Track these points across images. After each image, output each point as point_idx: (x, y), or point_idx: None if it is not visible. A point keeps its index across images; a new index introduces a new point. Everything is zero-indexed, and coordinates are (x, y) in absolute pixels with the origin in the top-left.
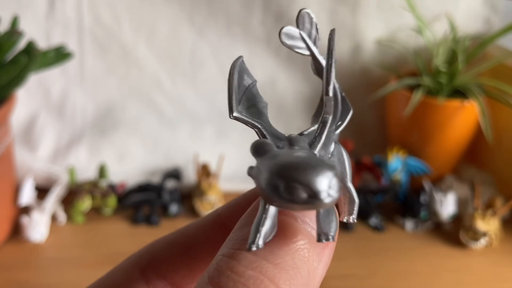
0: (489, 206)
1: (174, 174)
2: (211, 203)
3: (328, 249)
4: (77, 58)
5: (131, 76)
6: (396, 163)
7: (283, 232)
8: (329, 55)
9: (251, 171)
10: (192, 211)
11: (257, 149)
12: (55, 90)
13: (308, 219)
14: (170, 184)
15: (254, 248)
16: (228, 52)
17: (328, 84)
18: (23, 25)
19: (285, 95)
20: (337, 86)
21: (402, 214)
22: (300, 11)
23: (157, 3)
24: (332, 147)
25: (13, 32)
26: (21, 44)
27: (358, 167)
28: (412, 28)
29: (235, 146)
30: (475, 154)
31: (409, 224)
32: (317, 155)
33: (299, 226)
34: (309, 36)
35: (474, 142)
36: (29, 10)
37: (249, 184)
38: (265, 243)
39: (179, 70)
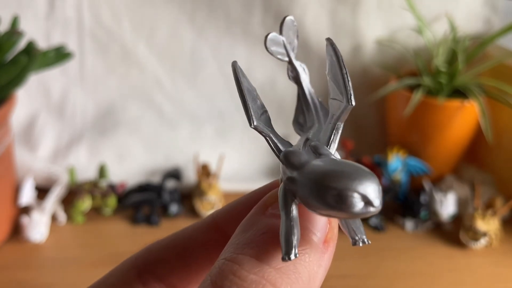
0: (489, 206)
1: (174, 174)
2: (211, 203)
3: (328, 254)
4: (77, 58)
5: (131, 76)
6: (396, 163)
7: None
8: (341, 63)
9: (291, 185)
10: (192, 211)
11: (292, 159)
12: (55, 90)
13: (310, 225)
14: (170, 184)
15: (292, 257)
16: (228, 52)
17: (347, 92)
18: (23, 25)
19: (285, 95)
20: (312, 91)
21: (402, 214)
22: (284, 18)
23: (157, 3)
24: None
25: (13, 32)
26: (21, 44)
27: None
28: (412, 28)
29: (235, 146)
30: (475, 154)
31: (409, 224)
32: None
33: (301, 232)
34: (290, 43)
35: (474, 142)
36: (29, 10)
37: (250, 184)
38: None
39: (179, 70)
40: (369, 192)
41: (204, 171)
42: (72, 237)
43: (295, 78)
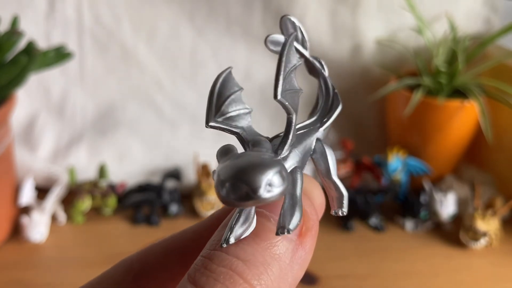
0: (489, 206)
1: (174, 174)
2: (211, 203)
3: (304, 248)
4: (77, 58)
5: (131, 76)
6: (396, 163)
7: (256, 231)
8: (280, 62)
9: (213, 175)
10: (192, 211)
11: (221, 154)
12: (55, 90)
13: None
14: (170, 184)
15: (224, 245)
16: (228, 52)
17: (276, 87)
18: (23, 25)
19: None
20: (330, 82)
21: (402, 214)
22: (281, 18)
23: (157, 3)
24: (313, 144)
25: (13, 32)
26: (21, 44)
27: (358, 167)
28: (412, 28)
29: (235, 146)
30: (475, 154)
31: (409, 224)
32: (271, 155)
33: (271, 226)
34: (296, 39)
35: (474, 142)
36: (29, 10)
37: None
38: (239, 241)
39: (179, 70)
40: (251, 181)
41: (204, 171)
42: (72, 237)
43: (311, 71)
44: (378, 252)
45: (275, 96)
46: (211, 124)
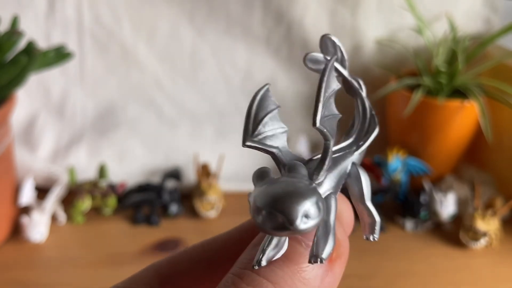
0: (489, 206)
1: (174, 174)
2: (211, 203)
3: (333, 273)
4: (77, 58)
5: (131, 76)
6: (396, 163)
7: (287, 254)
8: (319, 84)
9: (249, 197)
10: (192, 211)
11: (257, 177)
12: (55, 90)
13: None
14: (170, 184)
15: (256, 267)
16: (228, 52)
17: (315, 114)
18: (23, 25)
19: (285, 95)
20: (367, 103)
21: (402, 214)
22: (322, 37)
23: (157, 3)
24: (348, 168)
25: (13, 32)
26: (21, 44)
27: None
28: (412, 28)
29: (235, 146)
30: (475, 154)
31: (409, 224)
32: (306, 182)
33: (302, 250)
34: (337, 59)
35: (474, 142)
36: (29, 10)
37: (250, 184)
38: (270, 263)
39: (179, 70)
40: (288, 211)
41: (204, 171)
42: (72, 237)
43: (348, 91)
44: (378, 252)
45: (314, 124)
46: (248, 143)
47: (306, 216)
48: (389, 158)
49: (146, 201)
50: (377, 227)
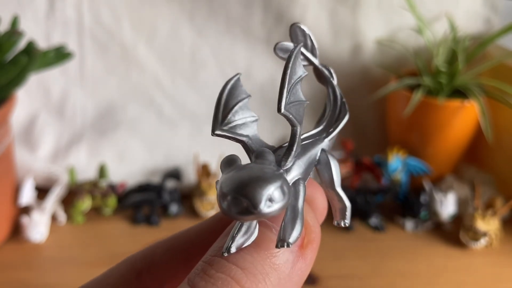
0: (489, 206)
1: (174, 174)
2: (211, 203)
3: (305, 259)
4: (77, 58)
5: (131, 76)
6: (396, 163)
7: (257, 241)
8: (286, 66)
9: (217, 185)
10: (192, 211)
11: (225, 165)
12: (55, 90)
13: None
14: (170, 184)
15: (225, 254)
16: (228, 52)
17: (280, 100)
18: (23, 25)
19: None
20: (338, 91)
21: (402, 214)
22: (291, 26)
23: (157, 3)
24: (318, 154)
25: (13, 32)
26: (21, 44)
27: (358, 167)
28: (412, 28)
29: (235, 146)
30: (475, 154)
31: (409, 224)
32: (273, 168)
33: (272, 235)
34: (305, 47)
35: (474, 142)
36: (29, 10)
37: None
38: (240, 250)
39: (179, 70)
40: (252, 195)
41: (204, 171)
42: (72, 237)
43: (320, 79)
44: (378, 252)
45: (279, 110)
46: (217, 132)
47: (270, 199)
48: (389, 158)
49: (146, 201)
50: (348, 212)
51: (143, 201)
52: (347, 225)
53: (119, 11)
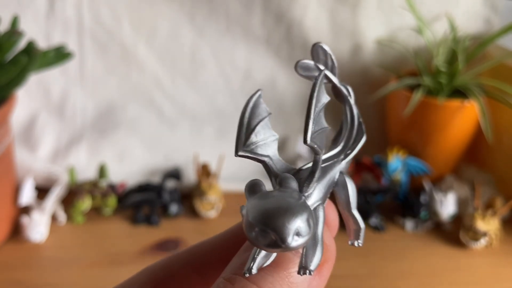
0: (489, 206)
1: (174, 174)
2: (211, 203)
3: (319, 277)
4: (77, 58)
5: (131, 76)
6: (396, 163)
7: (276, 261)
8: (310, 98)
9: (242, 210)
10: (192, 211)
11: (249, 190)
12: (55, 90)
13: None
14: (170, 184)
15: (247, 274)
16: (228, 52)
17: (306, 132)
18: (23, 25)
19: (285, 95)
20: (355, 111)
21: (402, 214)
22: (313, 45)
23: (157, 3)
24: (336, 177)
25: (13, 32)
26: (21, 44)
27: (358, 167)
28: (412, 28)
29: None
30: (475, 154)
31: (409, 224)
32: (297, 197)
33: (291, 256)
34: (325, 66)
35: (474, 142)
36: (29, 10)
37: None
38: (260, 269)
39: (179, 70)
40: (279, 230)
41: (204, 171)
42: (72, 237)
43: (338, 97)
44: (378, 252)
45: (305, 141)
46: (240, 153)
47: (298, 234)
48: (389, 158)
49: (146, 201)
50: (362, 233)
51: (143, 201)
52: (360, 245)
53: (119, 11)
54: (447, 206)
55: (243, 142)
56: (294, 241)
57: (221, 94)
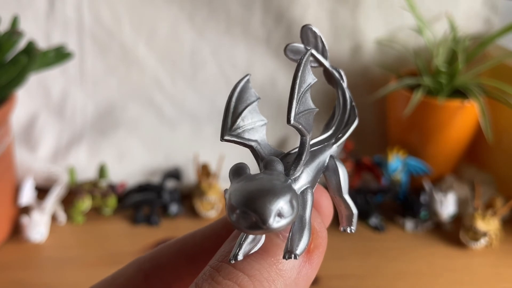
0: (489, 206)
1: (174, 174)
2: (211, 203)
3: (311, 264)
4: (77, 58)
5: (131, 76)
6: (396, 163)
7: (264, 247)
8: (295, 75)
9: (225, 194)
10: (192, 211)
11: (233, 174)
12: (55, 90)
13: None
14: (170, 184)
15: (233, 261)
16: (228, 52)
17: (289, 111)
18: (23, 25)
19: (285, 95)
20: (348, 94)
21: (402, 214)
22: (302, 27)
23: (157, 3)
24: (326, 161)
25: (13, 32)
26: (21, 44)
27: (358, 167)
28: (412, 28)
29: (235, 146)
30: (475, 154)
31: (409, 224)
32: (282, 179)
33: (279, 242)
34: (316, 49)
35: (474, 142)
36: (29, 10)
37: None
38: (247, 256)
39: (179, 70)
40: (261, 210)
41: (204, 171)
42: (72, 237)
43: (330, 80)
44: (378, 252)
45: (288, 121)
46: (226, 138)
47: (279, 215)
48: (389, 158)
49: (146, 201)
50: (354, 219)
51: (143, 201)
52: (353, 231)
53: (119, 11)
54: (447, 206)
55: (229, 126)
56: (275, 222)
57: (221, 94)
